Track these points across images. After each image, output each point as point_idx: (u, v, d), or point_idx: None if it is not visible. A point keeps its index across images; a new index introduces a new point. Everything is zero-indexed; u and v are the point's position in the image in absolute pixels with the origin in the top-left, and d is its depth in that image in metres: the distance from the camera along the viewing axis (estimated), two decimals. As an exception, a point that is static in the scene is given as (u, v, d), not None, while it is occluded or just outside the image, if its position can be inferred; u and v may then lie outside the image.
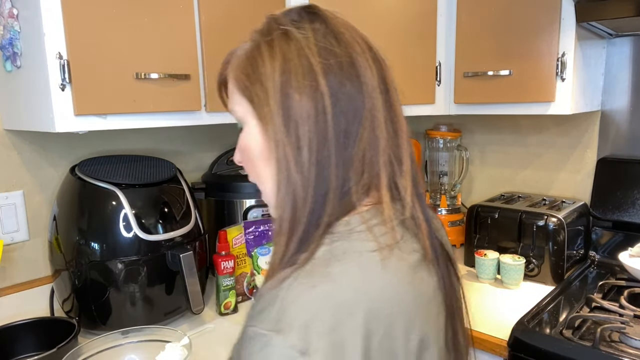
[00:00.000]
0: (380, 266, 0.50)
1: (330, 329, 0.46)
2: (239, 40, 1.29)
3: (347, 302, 0.47)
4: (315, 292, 0.47)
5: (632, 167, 1.51)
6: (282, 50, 0.56)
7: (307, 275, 0.49)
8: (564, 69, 1.29)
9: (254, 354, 0.47)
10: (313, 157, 0.53)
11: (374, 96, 0.56)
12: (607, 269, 1.51)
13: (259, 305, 0.49)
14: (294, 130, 0.53)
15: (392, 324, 0.50)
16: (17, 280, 1.25)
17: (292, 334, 0.45)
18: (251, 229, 1.37)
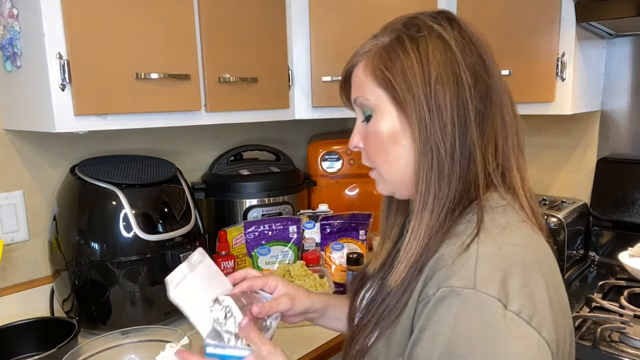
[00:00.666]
0: (534, 233, 0.61)
1: (522, 284, 0.54)
2: (240, 40, 1.30)
3: (529, 261, 0.57)
4: (503, 252, 0.56)
5: (632, 167, 1.51)
6: (426, 45, 0.62)
7: (490, 239, 0.57)
8: (564, 69, 1.29)
9: (456, 310, 0.53)
10: (458, 142, 0.61)
11: (501, 90, 0.65)
12: (607, 269, 1.51)
13: (449, 268, 0.56)
14: (437, 117, 0.61)
15: (555, 278, 0.61)
16: (17, 280, 1.25)
17: (492, 288, 0.52)
18: (251, 229, 1.37)
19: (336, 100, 1.45)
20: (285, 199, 1.53)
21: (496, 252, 0.56)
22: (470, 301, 0.53)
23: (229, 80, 1.24)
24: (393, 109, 0.64)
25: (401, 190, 0.68)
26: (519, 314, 0.52)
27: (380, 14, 1.46)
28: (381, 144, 0.66)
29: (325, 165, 1.75)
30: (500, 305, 0.52)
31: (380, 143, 0.66)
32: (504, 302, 0.52)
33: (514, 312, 0.52)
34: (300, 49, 1.42)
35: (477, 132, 0.62)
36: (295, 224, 1.42)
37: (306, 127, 1.94)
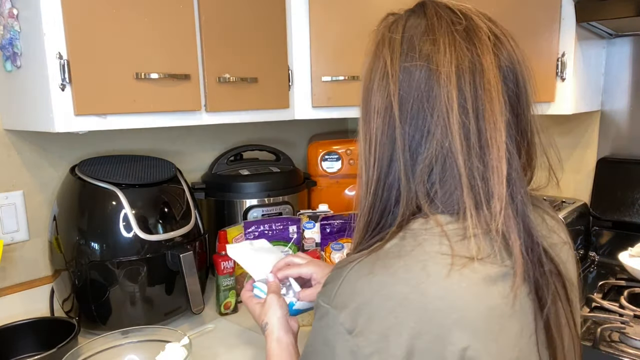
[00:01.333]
0: (445, 271, 0.50)
1: (379, 318, 0.49)
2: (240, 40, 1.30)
3: (401, 296, 0.49)
4: (372, 279, 0.50)
5: (632, 167, 1.51)
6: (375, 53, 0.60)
7: (370, 263, 0.52)
8: (564, 69, 1.29)
9: (315, 321, 0.54)
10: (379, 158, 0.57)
11: (448, 107, 0.54)
12: (607, 269, 1.51)
13: (327, 279, 0.55)
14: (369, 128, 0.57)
15: (448, 330, 0.48)
16: (17, 280, 1.25)
17: (344, 312, 0.50)
18: (251, 229, 1.37)
19: (336, 100, 1.46)
20: (285, 199, 1.53)
21: (365, 276, 0.51)
22: (325, 318, 0.52)
23: (229, 80, 1.23)
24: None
25: None
26: (359, 347, 0.49)
27: (380, 14, 1.46)
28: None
29: (325, 165, 1.75)
30: (344, 330, 0.50)
31: None
32: (350, 330, 0.50)
33: (357, 345, 0.49)
34: (300, 49, 1.42)
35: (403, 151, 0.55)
36: (295, 224, 1.42)
37: (306, 127, 1.94)
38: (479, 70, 0.54)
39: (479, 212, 0.53)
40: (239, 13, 1.25)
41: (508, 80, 0.57)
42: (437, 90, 0.54)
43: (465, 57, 0.54)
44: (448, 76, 0.53)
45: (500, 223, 0.52)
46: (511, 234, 0.52)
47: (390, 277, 0.50)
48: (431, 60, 0.54)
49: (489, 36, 0.57)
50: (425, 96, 0.54)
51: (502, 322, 0.50)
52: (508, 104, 0.56)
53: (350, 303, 0.50)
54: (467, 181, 0.53)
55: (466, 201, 0.53)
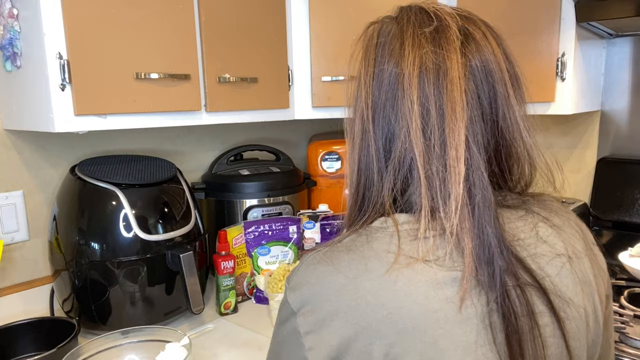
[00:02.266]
0: (384, 269, 0.50)
1: (318, 303, 0.51)
2: (240, 40, 1.30)
3: (338, 286, 0.51)
4: (318, 268, 0.53)
5: (632, 167, 1.51)
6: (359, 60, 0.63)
7: (323, 253, 0.54)
8: (564, 69, 1.29)
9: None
10: (359, 164, 0.59)
11: (409, 109, 0.54)
12: (607, 269, 1.51)
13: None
14: (350, 135, 0.60)
15: (376, 325, 0.48)
16: (17, 280, 1.25)
17: (294, 294, 0.54)
18: (251, 229, 1.37)
19: (336, 100, 1.46)
20: (285, 199, 1.53)
21: (311, 265, 0.54)
22: (283, 296, 0.56)
23: (229, 80, 1.24)
24: None
25: None
26: (299, 327, 0.52)
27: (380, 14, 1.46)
28: None
29: (325, 165, 1.75)
30: (292, 311, 0.53)
31: None
32: (295, 309, 0.53)
33: (298, 323, 0.52)
34: (300, 49, 1.42)
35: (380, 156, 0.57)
36: (295, 224, 1.42)
37: (306, 127, 1.95)
38: (442, 70, 0.53)
39: (434, 213, 0.52)
40: (239, 13, 1.25)
41: (478, 79, 0.55)
42: (401, 92, 0.54)
43: (429, 58, 0.54)
44: (410, 78, 0.54)
45: (455, 225, 0.50)
46: (465, 236, 0.50)
47: (334, 268, 0.52)
48: (397, 63, 0.55)
49: (458, 36, 0.55)
50: (391, 99, 0.55)
51: (446, 327, 0.48)
52: (477, 104, 0.54)
53: (300, 287, 0.54)
54: (426, 182, 0.52)
55: (422, 202, 0.52)
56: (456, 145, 0.52)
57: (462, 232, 0.50)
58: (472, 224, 0.51)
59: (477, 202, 0.51)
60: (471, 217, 0.51)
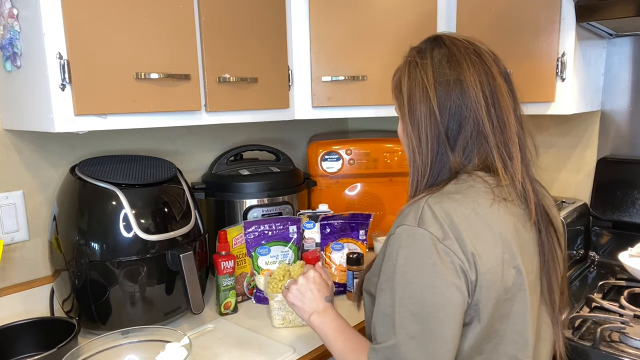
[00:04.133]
0: (489, 203, 0.77)
1: (453, 229, 0.73)
2: (240, 40, 1.30)
3: (464, 215, 0.74)
4: (443, 205, 0.75)
5: (632, 167, 1.51)
6: (410, 73, 0.85)
7: (438, 196, 0.77)
8: (564, 69, 1.29)
9: (403, 241, 0.75)
10: (429, 145, 0.81)
11: (477, 103, 0.79)
12: (607, 269, 1.51)
13: (402, 213, 0.78)
14: (417, 126, 0.82)
15: (494, 239, 0.75)
16: (17, 280, 1.25)
17: (432, 227, 0.73)
18: (251, 229, 1.37)
19: (336, 100, 1.46)
20: (285, 199, 1.53)
21: (437, 204, 0.75)
22: (415, 234, 0.74)
23: (229, 80, 1.24)
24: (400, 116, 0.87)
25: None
26: (449, 246, 0.72)
27: (380, 14, 1.46)
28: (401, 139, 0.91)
29: (325, 165, 1.75)
30: (436, 238, 0.72)
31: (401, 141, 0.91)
32: (440, 238, 0.72)
33: (445, 245, 0.72)
34: (300, 49, 1.42)
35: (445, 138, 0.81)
36: (295, 224, 1.42)
37: (306, 127, 1.95)
38: (491, 77, 0.81)
39: (506, 169, 0.80)
40: (239, 13, 1.25)
41: (507, 81, 0.84)
42: (467, 93, 0.80)
43: (481, 69, 0.81)
44: (474, 84, 0.80)
45: (520, 176, 0.80)
46: (527, 185, 0.81)
47: (455, 203, 0.76)
48: (460, 74, 0.80)
49: (489, 54, 0.84)
50: (460, 99, 0.80)
51: (522, 242, 0.79)
52: (511, 97, 0.83)
53: (433, 221, 0.73)
54: (497, 149, 0.80)
55: (496, 162, 0.80)
56: (511, 125, 0.82)
57: (524, 181, 0.81)
58: (528, 179, 0.82)
59: (527, 161, 0.84)
60: (525, 172, 0.82)
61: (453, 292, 0.72)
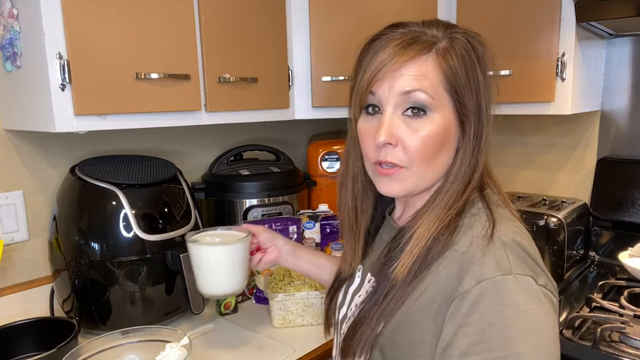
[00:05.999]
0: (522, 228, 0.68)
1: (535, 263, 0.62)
2: (240, 40, 1.30)
3: (531, 245, 0.65)
4: (517, 240, 0.63)
5: (632, 167, 1.51)
6: (484, 69, 0.69)
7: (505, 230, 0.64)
8: (564, 69, 1.29)
9: (500, 296, 0.57)
10: (479, 155, 0.69)
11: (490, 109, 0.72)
12: (607, 269, 1.51)
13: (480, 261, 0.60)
14: (476, 130, 0.69)
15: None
16: (17, 280, 1.25)
17: (525, 270, 0.60)
18: (251, 229, 1.37)
19: (336, 100, 1.46)
20: (285, 199, 1.53)
21: (513, 239, 0.63)
22: (513, 285, 0.58)
23: (229, 80, 1.24)
24: (453, 116, 0.68)
25: (420, 190, 0.71)
26: (545, 286, 0.61)
27: (380, 13, 1.46)
28: (431, 145, 0.67)
29: (325, 165, 1.75)
30: (534, 281, 0.59)
31: (430, 144, 0.66)
32: (535, 278, 0.59)
33: (542, 285, 0.60)
34: (300, 49, 1.42)
35: (486, 145, 0.70)
36: (295, 224, 1.42)
37: (306, 127, 1.94)
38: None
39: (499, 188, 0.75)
40: (239, 13, 1.25)
41: None
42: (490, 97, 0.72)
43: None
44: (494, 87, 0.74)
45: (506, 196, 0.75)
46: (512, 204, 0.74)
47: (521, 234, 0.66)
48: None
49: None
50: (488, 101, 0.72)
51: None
52: None
53: (522, 262, 0.61)
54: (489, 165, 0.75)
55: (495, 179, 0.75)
56: None
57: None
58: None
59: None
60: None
61: None
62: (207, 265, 0.95)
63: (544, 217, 1.43)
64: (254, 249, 1.02)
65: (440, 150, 0.67)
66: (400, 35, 0.67)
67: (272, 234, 1.04)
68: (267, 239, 1.02)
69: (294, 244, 1.06)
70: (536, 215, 1.45)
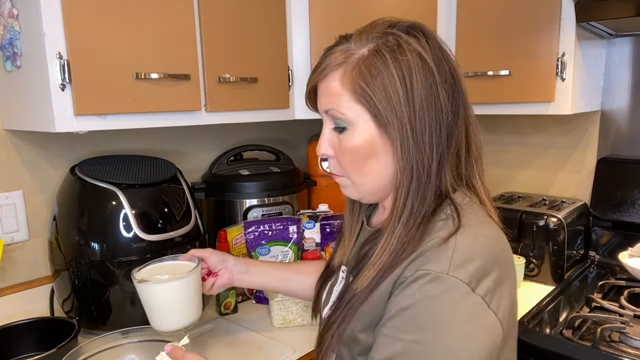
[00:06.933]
0: (497, 226, 0.68)
1: (488, 272, 0.61)
2: (240, 40, 1.29)
3: (497, 252, 0.64)
4: (475, 244, 0.62)
5: (632, 167, 1.51)
6: (408, 64, 0.63)
7: (465, 232, 0.63)
8: (564, 69, 1.29)
9: (426, 287, 0.60)
10: (435, 161, 0.65)
11: (468, 105, 0.69)
12: (607, 269, 1.51)
13: (427, 256, 0.62)
14: (420, 138, 0.64)
15: (513, 267, 0.67)
16: (17, 280, 1.25)
17: (463, 274, 0.59)
18: (251, 229, 1.37)
19: (336, 100, 1.46)
20: (285, 199, 1.53)
21: (470, 243, 0.62)
22: (443, 283, 0.59)
23: (229, 80, 1.24)
24: (373, 126, 0.66)
25: (371, 197, 0.73)
26: (484, 297, 0.60)
27: (380, 14, 1.46)
28: (356, 157, 0.68)
29: (325, 165, 1.75)
30: (469, 289, 0.59)
31: (355, 156, 0.68)
32: (472, 286, 0.59)
33: (480, 296, 0.60)
34: (300, 49, 1.42)
35: (448, 148, 0.66)
36: (295, 224, 1.42)
37: (306, 127, 1.95)
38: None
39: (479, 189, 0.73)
40: (238, 13, 1.25)
41: None
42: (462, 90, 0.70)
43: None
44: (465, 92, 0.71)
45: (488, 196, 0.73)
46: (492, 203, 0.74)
47: (486, 238, 0.64)
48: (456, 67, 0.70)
49: None
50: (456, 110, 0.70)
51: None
52: None
53: (466, 266, 0.60)
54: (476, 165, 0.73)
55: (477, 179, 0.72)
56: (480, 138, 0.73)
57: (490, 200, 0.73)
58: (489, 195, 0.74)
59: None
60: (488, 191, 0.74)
61: None
62: (159, 304, 0.90)
63: (544, 217, 1.43)
64: (205, 274, 1.00)
65: (367, 159, 0.68)
66: (326, 52, 0.69)
67: (221, 256, 1.01)
68: (217, 262, 1.00)
69: (245, 261, 1.04)
70: (536, 215, 1.45)
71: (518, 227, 1.47)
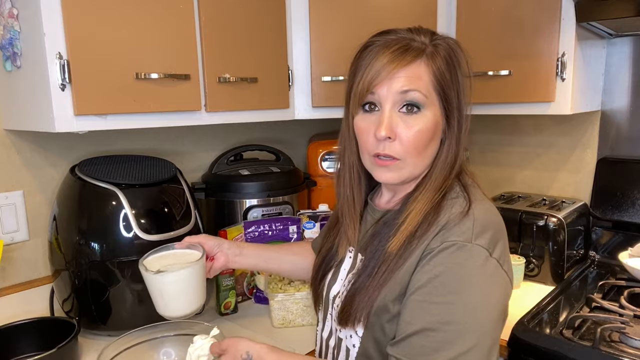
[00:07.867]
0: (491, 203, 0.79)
1: (498, 239, 0.73)
2: (240, 40, 1.30)
3: (500, 223, 0.76)
4: (487, 216, 0.74)
5: (632, 167, 1.51)
6: (461, 67, 0.80)
7: (479, 208, 0.74)
8: (564, 69, 1.29)
9: (454, 255, 0.70)
10: (461, 145, 0.80)
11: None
12: (607, 269, 1.51)
13: (450, 228, 0.72)
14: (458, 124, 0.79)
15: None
16: (17, 280, 1.25)
17: (483, 241, 0.71)
18: (251, 229, 1.37)
19: (336, 100, 1.46)
20: (285, 199, 1.53)
21: (484, 215, 0.74)
22: (468, 250, 0.70)
23: (229, 80, 1.24)
24: (441, 113, 0.78)
25: (412, 178, 0.81)
26: (498, 259, 0.71)
27: (380, 13, 1.46)
28: (422, 138, 0.76)
29: (325, 165, 1.75)
30: (488, 254, 0.70)
31: (423, 137, 0.76)
32: (490, 252, 0.71)
33: (496, 259, 0.71)
34: (300, 49, 1.42)
35: (464, 136, 0.80)
36: (295, 224, 1.42)
37: (306, 127, 1.95)
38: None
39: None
40: (239, 13, 1.25)
41: None
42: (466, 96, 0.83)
43: None
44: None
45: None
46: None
47: (493, 212, 0.76)
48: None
49: None
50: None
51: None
52: None
53: (485, 235, 0.71)
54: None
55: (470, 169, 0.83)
56: None
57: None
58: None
59: None
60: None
61: None
62: (169, 291, 0.92)
63: (544, 217, 1.43)
64: None
65: (430, 142, 0.77)
66: (394, 42, 0.76)
67: (216, 240, 1.03)
68: (213, 246, 1.02)
69: (238, 244, 1.07)
70: (536, 215, 1.45)
71: (518, 227, 1.47)
